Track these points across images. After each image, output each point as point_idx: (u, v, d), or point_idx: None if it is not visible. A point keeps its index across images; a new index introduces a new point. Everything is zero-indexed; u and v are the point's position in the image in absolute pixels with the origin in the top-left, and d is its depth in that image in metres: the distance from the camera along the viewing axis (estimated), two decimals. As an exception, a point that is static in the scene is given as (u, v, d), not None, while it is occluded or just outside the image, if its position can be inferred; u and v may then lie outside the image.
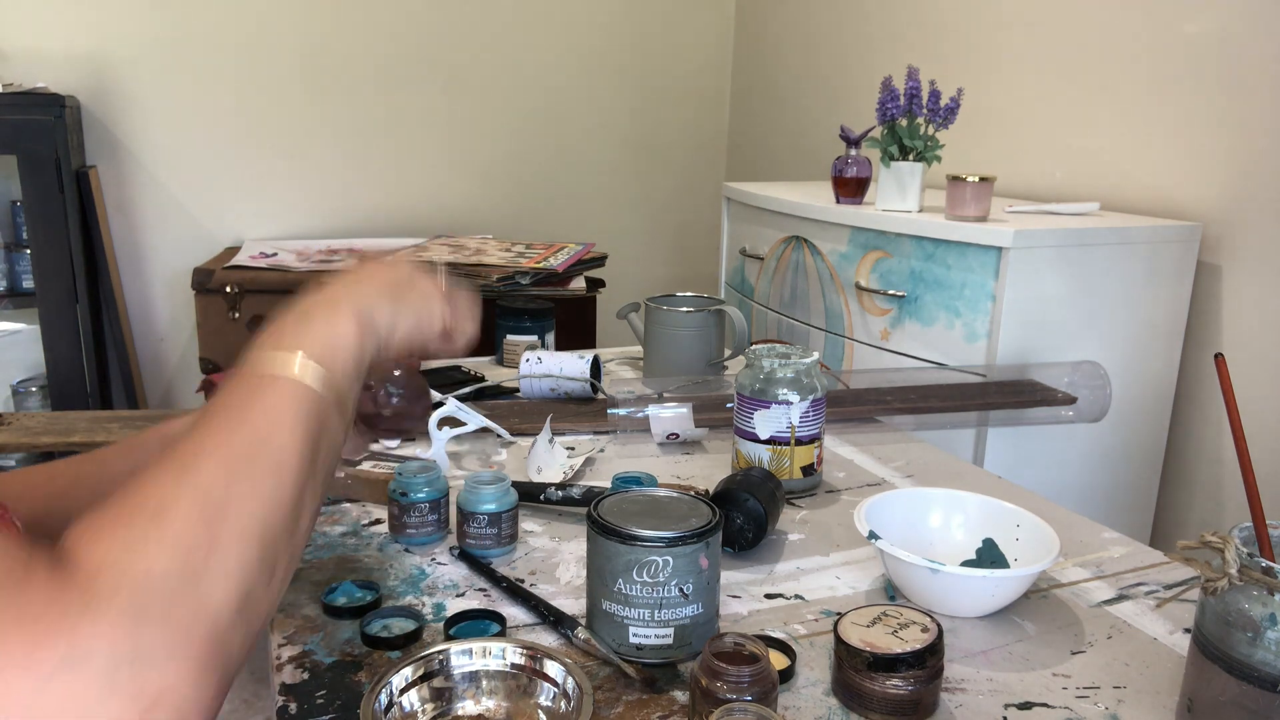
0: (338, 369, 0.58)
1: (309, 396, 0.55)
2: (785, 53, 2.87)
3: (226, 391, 0.55)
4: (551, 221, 3.01)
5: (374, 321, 0.62)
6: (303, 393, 0.55)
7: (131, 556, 0.44)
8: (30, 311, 2.32)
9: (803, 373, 1.04)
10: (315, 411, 0.55)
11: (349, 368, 0.59)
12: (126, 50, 2.47)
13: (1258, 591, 0.57)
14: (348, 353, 0.59)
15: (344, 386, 0.58)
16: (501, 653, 0.67)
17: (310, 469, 0.53)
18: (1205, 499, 1.70)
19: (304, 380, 0.55)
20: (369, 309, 0.62)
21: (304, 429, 0.53)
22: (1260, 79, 1.55)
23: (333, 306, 0.61)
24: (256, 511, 0.49)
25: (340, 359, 0.58)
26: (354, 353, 0.60)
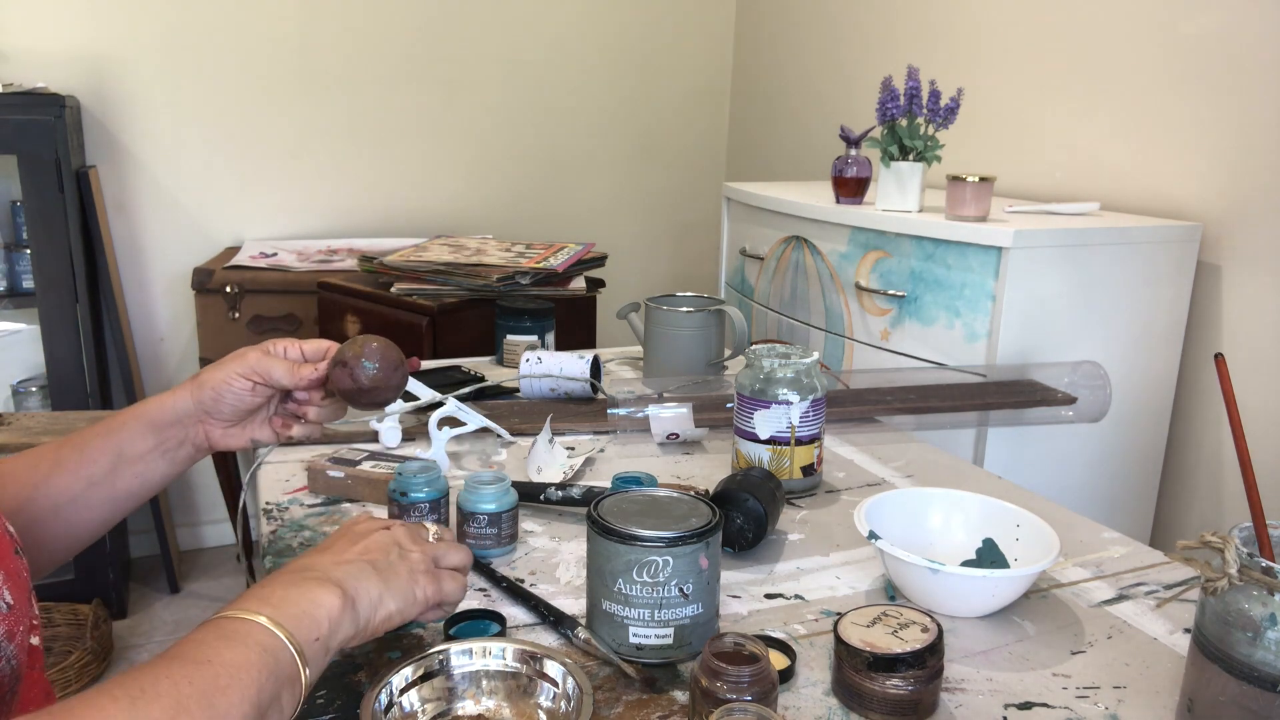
0: (308, 637, 0.57)
1: (277, 659, 0.55)
2: (785, 53, 2.87)
3: (198, 634, 0.54)
4: (551, 221, 3.01)
5: (357, 604, 0.61)
6: (270, 657, 0.54)
7: None
8: (30, 311, 2.32)
9: (803, 373, 1.04)
10: (276, 677, 0.54)
11: (320, 645, 0.58)
12: (126, 50, 2.47)
13: (1258, 591, 0.57)
14: (323, 630, 0.58)
15: (311, 660, 0.57)
16: (501, 653, 0.67)
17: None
18: (1205, 499, 1.70)
19: (274, 640, 0.55)
20: (355, 589, 0.61)
21: (259, 693, 0.53)
22: (1260, 79, 1.55)
23: (322, 582, 0.60)
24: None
25: (314, 634, 0.57)
26: (329, 632, 0.58)
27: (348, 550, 0.65)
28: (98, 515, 0.77)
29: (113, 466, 0.76)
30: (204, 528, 2.80)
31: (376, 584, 0.63)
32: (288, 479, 1.07)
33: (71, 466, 0.75)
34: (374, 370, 0.78)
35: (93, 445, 0.76)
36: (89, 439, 0.76)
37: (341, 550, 0.65)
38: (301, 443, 1.08)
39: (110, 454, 0.76)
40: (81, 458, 0.76)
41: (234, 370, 0.78)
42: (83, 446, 0.76)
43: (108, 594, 2.34)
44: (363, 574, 0.63)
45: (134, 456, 0.77)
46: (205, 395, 0.77)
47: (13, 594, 0.60)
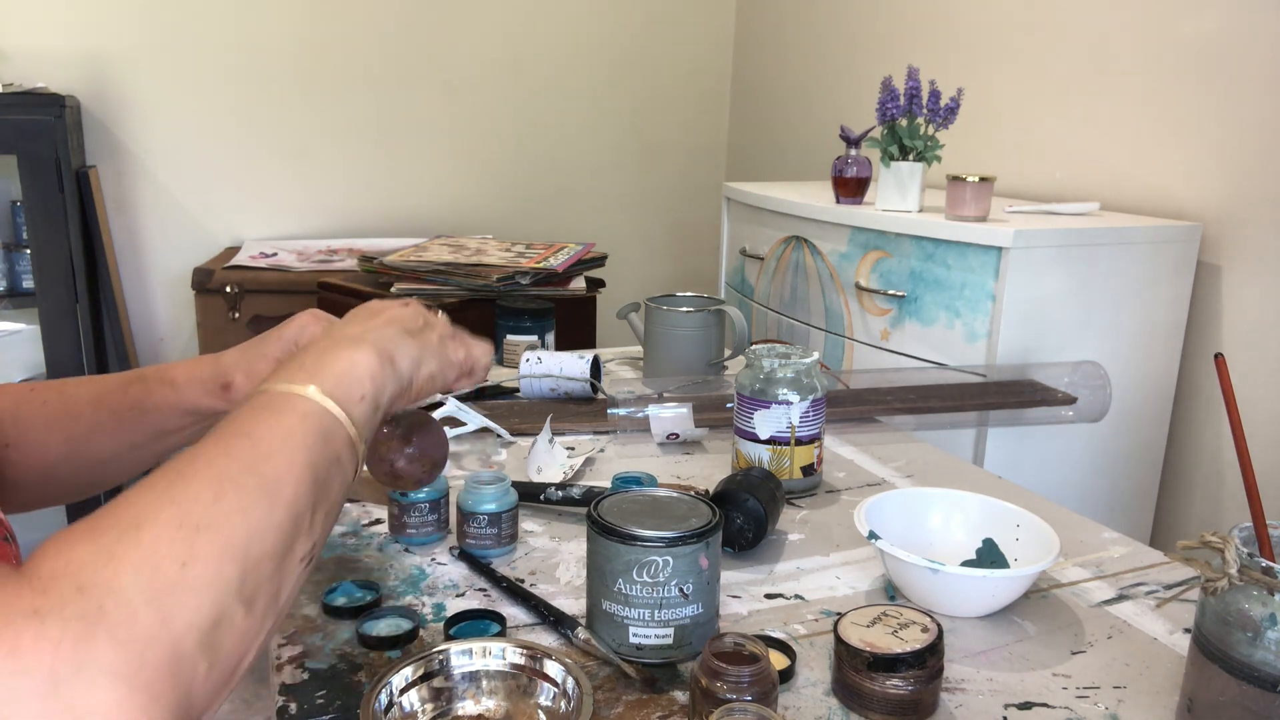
0: (355, 403, 0.55)
1: (322, 422, 0.52)
2: (785, 53, 2.87)
3: (236, 411, 0.52)
4: (551, 221, 3.01)
5: (396, 362, 0.60)
6: (316, 417, 0.52)
7: (95, 566, 0.40)
8: (30, 311, 2.32)
9: (803, 373, 1.04)
10: (326, 440, 0.52)
11: (367, 404, 0.56)
12: (126, 50, 2.47)
13: (1258, 591, 0.57)
14: (366, 388, 0.56)
15: (360, 421, 0.55)
16: (501, 653, 0.67)
17: (311, 500, 0.49)
18: (1205, 499, 1.70)
19: (320, 405, 0.53)
20: (392, 349, 0.60)
21: (310, 455, 0.50)
22: (1260, 79, 1.55)
23: (355, 342, 0.58)
24: (241, 531, 0.45)
25: (359, 393, 0.56)
26: (373, 390, 0.57)
27: (372, 320, 0.63)
28: (140, 467, 0.78)
29: (153, 437, 0.77)
30: (204, 528, 2.80)
31: (413, 344, 0.62)
32: (288, 479, 1.07)
33: (111, 431, 0.75)
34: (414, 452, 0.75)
35: (128, 418, 0.76)
36: (123, 409, 0.75)
37: (366, 320, 0.63)
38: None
39: (149, 429, 0.76)
40: (120, 425, 0.76)
41: None
42: (119, 415, 0.75)
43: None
44: (398, 335, 0.61)
45: (173, 430, 0.77)
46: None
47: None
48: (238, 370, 0.77)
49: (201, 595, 0.42)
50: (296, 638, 0.75)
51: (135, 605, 0.40)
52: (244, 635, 0.45)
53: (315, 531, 0.51)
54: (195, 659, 0.41)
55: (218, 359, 0.77)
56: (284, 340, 0.78)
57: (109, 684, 0.38)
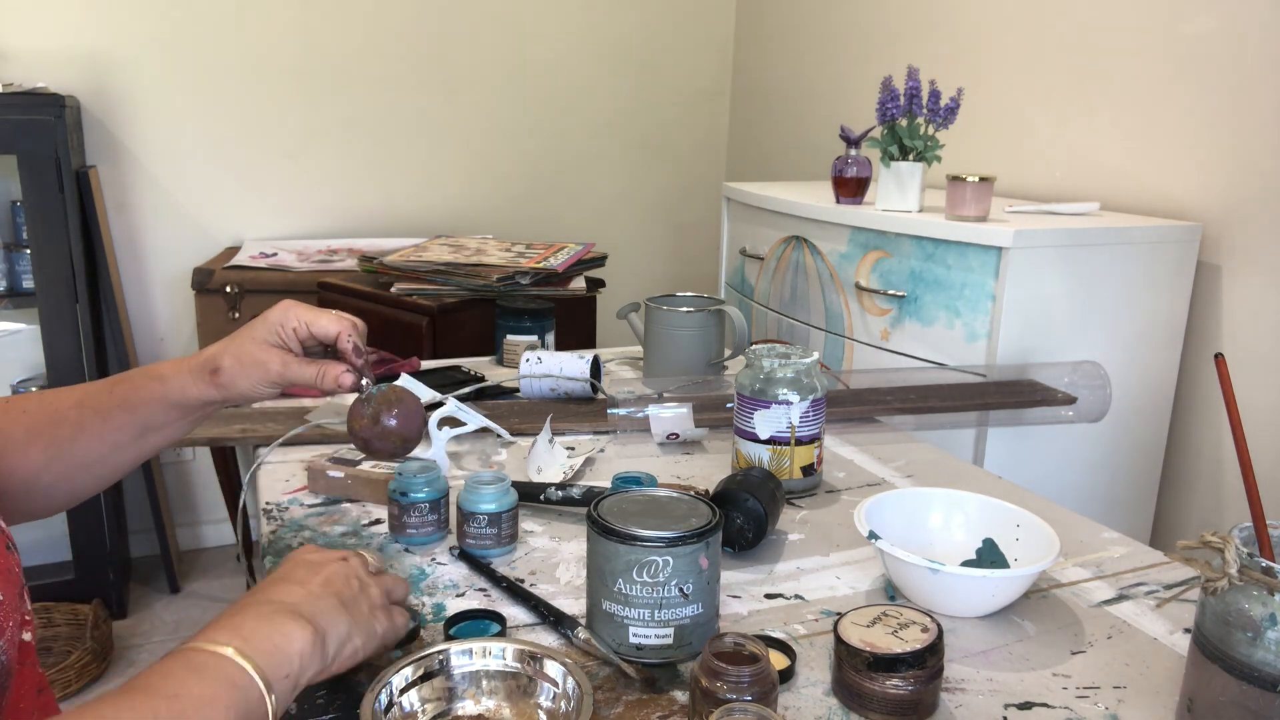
0: (279, 679, 0.56)
1: (247, 697, 0.53)
2: (785, 53, 2.87)
3: (167, 665, 0.53)
4: (551, 221, 3.01)
5: (326, 642, 0.60)
6: (241, 690, 0.53)
7: None
8: (30, 311, 2.32)
9: (803, 373, 1.04)
10: (245, 710, 0.53)
11: (290, 683, 0.57)
12: (126, 50, 2.47)
13: (1258, 591, 0.57)
14: (294, 667, 0.57)
15: (280, 698, 0.56)
16: (501, 653, 0.67)
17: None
18: (1205, 499, 1.70)
19: (244, 676, 0.54)
20: (326, 627, 0.60)
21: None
22: (1260, 79, 1.55)
23: (293, 616, 0.59)
24: None
25: (285, 671, 0.56)
26: (299, 669, 0.57)
27: (311, 581, 0.64)
28: (122, 469, 0.80)
29: (138, 435, 0.78)
30: (204, 528, 2.80)
31: (345, 620, 0.62)
32: (288, 479, 1.07)
33: (96, 431, 0.77)
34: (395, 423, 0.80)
35: (115, 416, 0.77)
36: (109, 407, 0.77)
37: (306, 581, 0.63)
38: (304, 441, 1.08)
39: (135, 426, 0.78)
40: (106, 425, 0.77)
41: (259, 382, 0.78)
42: (105, 414, 0.77)
43: (108, 594, 2.34)
44: (332, 609, 0.62)
45: (159, 426, 0.79)
46: (232, 394, 0.78)
47: (2, 590, 0.60)
48: (225, 356, 0.78)
49: None
50: (296, 638, 0.75)
51: None
52: None
53: None
54: None
55: (204, 350, 0.79)
56: (269, 324, 0.79)
57: None
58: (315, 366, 0.79)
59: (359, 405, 0.80)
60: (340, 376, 0.79)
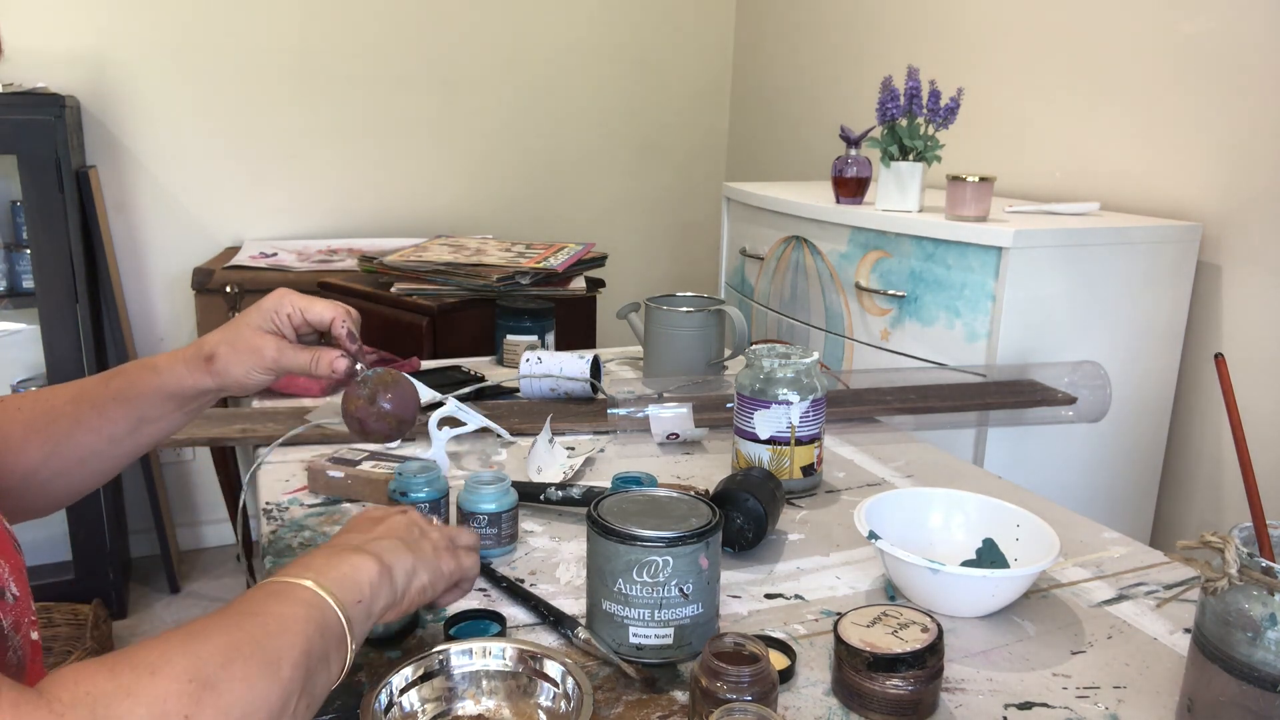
0: (352, 605, 0.59)
1: (323, 615, 0.57)
2: (785, 53, 2.87)
3: (246, 595, 0.57)
4: (551, 221, 3.01)
5: (394, 574, 0.63)
6: (318, 609, 0.57)
7: (110, 700, 0.44)
8: (30, 311, 2.32)
9: (803, 373, 1.04)
10: (323, 633, 0.56)
11: (362, 609, 0.60)
12: (126, 50, 2.47)
13: (1258, 591, 0.57)
14: (365, 594, 0.60)
15: (354, 623, 0.59)
16: (501, 653, 0.67)
17: (300, 686, 0.53)
18: (1205, 499, 1.70)
19: (321, 601, 0.57)
20: (391, 561, 0.63)
21: (308, 644, 0.54)
22: (1260, 79, 1.55)
23: (358, 551, 0.63)
24: (242, 700, 0.49)
25: (356, 597, 0.60)
26: (369, 596, 0.61)
27: (373, 530, 0.67)
28: (119, 463, 0.80)
29: (134, 427, 0.79)
30: (204, 528, 2.80)
31: (409, 556, 0.65)
32: (288, 479, 1.07)
33: (93, 424, 0.77)
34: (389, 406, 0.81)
35: (111, 408, 0.77)
36: (105, 400, 0.77)
37: (367, 530, 0.67)
38: (304, 441, 1.08)
39: (131, 418, 0.78)
40: (102, 418, 0.77)
41: (253, 367, 0.78)
42: (101, 407, 0.77)
43: (108, 594, 2.34)
44: (395, 547, 0.65)
45: (154, 418, 0.79)
46: (227, 382, 0.78)
47: (17, 586, 0.61)
48: (221, 344, 0.79)
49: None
50: (296, 638, 0.75)
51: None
52: None
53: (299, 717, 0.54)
54: None
55: (199, 340, 0.80)
56: (263, 311, 0.80)
57: None
58: (310, 352, 0.79)
59: (354, 387, 0.81)
60: (335, 361, 0.79)
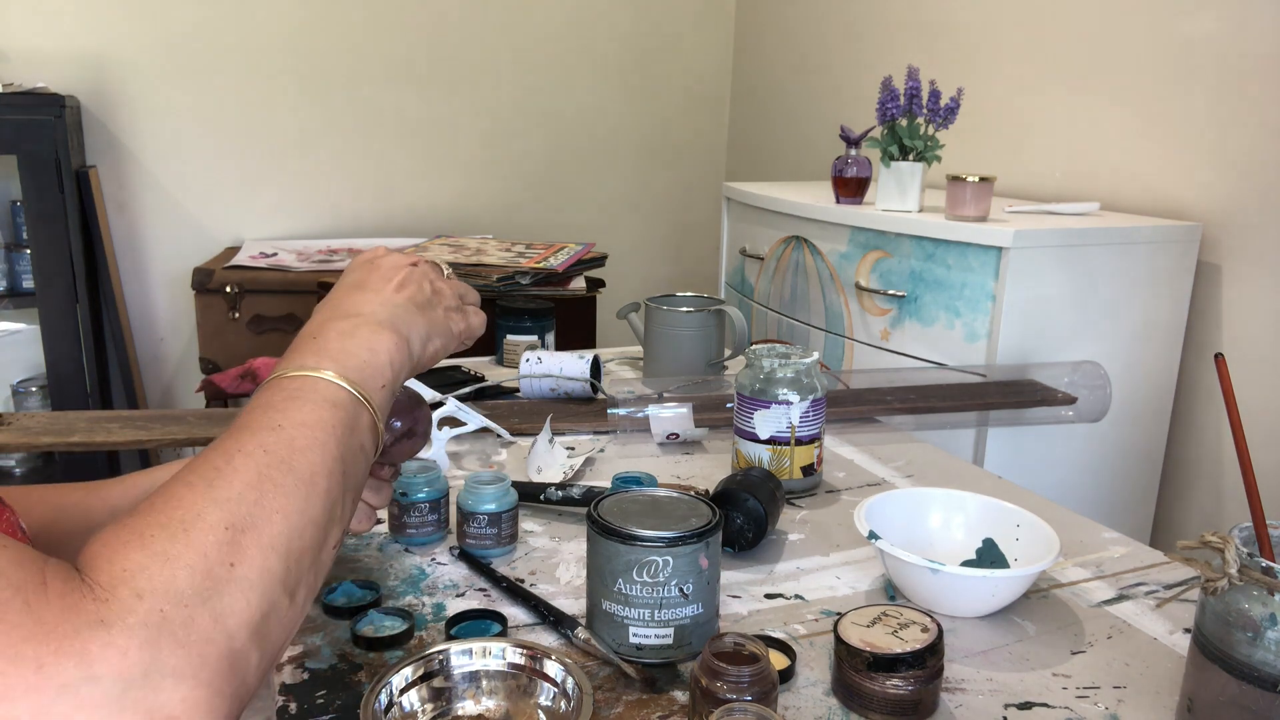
0: (376, 390, 0.57)
1: (350, 412, 0.54)
2: (785, 53, 2.87)
3: (262, 398, 0.53)
4: (551, 221, 3.01)
5: (410, 341, 0.62)
6: (344, 407, 0.54)
7: (152, 571, 0.42)
8: (30, 311, 2.32)
9: (803, 373, 1.04)
10: (353, 429, 0.54)
11: (387, 391, 0.58)
12: (126, 50, 2.47)
13: (1258, 591, 0.57)
14: (387, 376, 0.59)
15: (380, 407, 0.57)
16: (501, 653, 0.67)
17: (341, 489, 0.52)
18: (1205, 499, 1.70)
19: (344, 393, 0.55)
20: (407, 328, 0.62)
21: (340, 448, 0.52)
22: (1260, 79, 1.55)
23: (377, 326, 0.60)
24: (285, 525, 0.48)
25: (380, 381, 0.58)
26: (392, 375, 0.59)
27: (385, 288, 0.64)
28: None
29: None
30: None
31: (423, 322, 0.64)
32: (288, 479, 1.07)
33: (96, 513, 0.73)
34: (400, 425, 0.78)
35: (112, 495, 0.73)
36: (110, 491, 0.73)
37: (380, 288, 0.64)
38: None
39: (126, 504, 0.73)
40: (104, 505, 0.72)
41: None
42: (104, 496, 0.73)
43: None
44: (410, 313, 0.63)
45: None
46: None
47: None
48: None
49: (251, 592, 0.45)
50: (296, 637, 0.75)
51: (192, 608, 0.42)
52: (289, 623, 0.48)
53: (345, 518, 0.53)
54: (249, 651, 0.44)
55: None
56: None
57: (175, 685, 0.41)
58: None
59: None
60: None
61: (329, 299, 0.64)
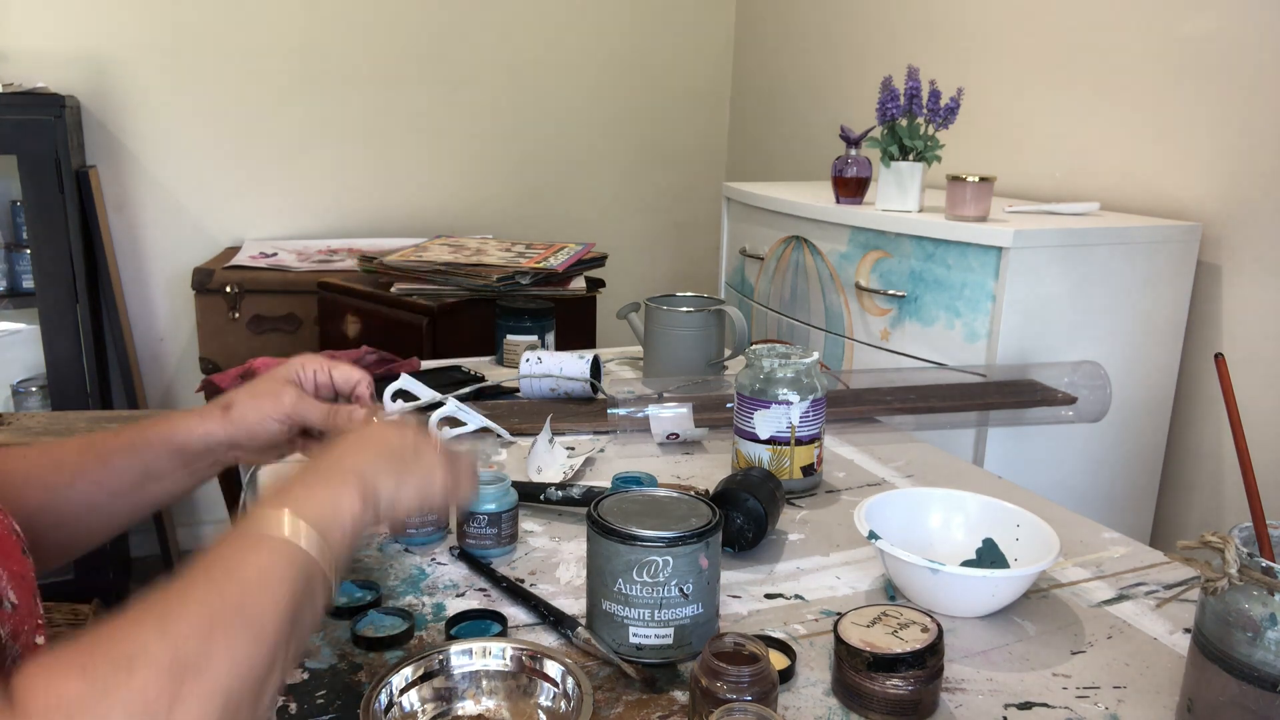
0: (334, 540, 0.58)
1: (302, 563, 0.55)
2: (785, 53, 2.87)
3: (221, 544, 0.54)
4: (551, 221, 3.01)
5: (377, 496, 0.62)
6: (297, 559, 0.55)
7: (88, 705, 0.42)
8: (30, 311, 2.32)
9: (803, 373, 1.04)
10: (307, 580, 0.55)
11: (345, 540, 0.59)
12: (126, 50, 2.47)
13: (1258, 591, 0.57)
14: (346, 525, 0.59)
15: (338, 558, 0.58)
16: (501, 653, 0.67)
17: (288, 636, 0.52)
18: (1205, 499, 1.70)
19: (300, 546, 0.55)
20: (374, 482, 0.63)
21: (291, 595, 0.53)
22: (1260, 79, 1.55)
23: (340, 476, 0.61)
24: (228, 674, 0.47)
25: (338, 530, 0.58)
26: (352, 526, 0.60)
27: (359, 446, 0.66)
28: (118, 521, 0.78)
29: (138, 483, 0.77)
30: (204, 528, 2.80)
31: (393, 478, 0.64)
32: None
33: (95, 477, 0.75)
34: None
35: (116, 460, 0.75)
36: (112, 452, 0.76)
37: (353, 447, 0.66)
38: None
39: (136, 472, 0.76)
40: (105, 470, 0.75)
41: (270, 414, 0.78)
42: (106, 458, 0.75)
43: (107, 593, 2.34)
44: (379, 469, 0.64)
45: (159, 474, 0.77)
46: (238, 432, 0.78)
47: (17, 594, 0.60)
48: (240, 392, 0.78)
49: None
50: (296, 638, 0.75)
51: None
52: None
53: (288, 666, 0.53)
54: None
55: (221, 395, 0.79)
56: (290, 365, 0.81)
57: None
58: (328, 405, 0.80)
59: None
60: (354, 412, 0.79)
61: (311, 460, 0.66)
